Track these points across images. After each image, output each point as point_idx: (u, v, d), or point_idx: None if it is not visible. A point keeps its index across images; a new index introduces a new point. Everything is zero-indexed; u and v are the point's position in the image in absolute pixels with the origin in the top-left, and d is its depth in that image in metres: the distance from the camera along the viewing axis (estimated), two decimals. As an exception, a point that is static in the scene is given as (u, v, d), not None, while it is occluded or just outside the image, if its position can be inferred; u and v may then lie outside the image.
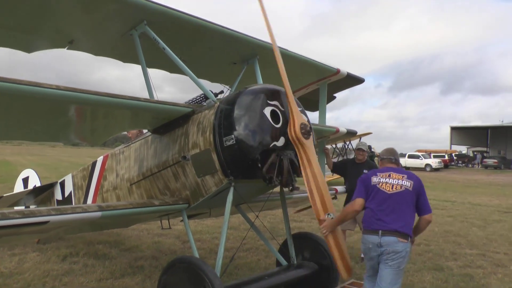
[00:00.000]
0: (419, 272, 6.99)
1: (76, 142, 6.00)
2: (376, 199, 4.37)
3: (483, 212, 14.61)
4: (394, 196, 4.33)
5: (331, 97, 8.25)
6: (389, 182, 4.41)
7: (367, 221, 4.40)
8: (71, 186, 7.50)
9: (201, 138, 4.68)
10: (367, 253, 4.42)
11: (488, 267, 7.50)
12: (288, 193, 5.90)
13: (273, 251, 5.75)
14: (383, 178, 4.46)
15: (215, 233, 9.44)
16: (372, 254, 4.31)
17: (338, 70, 7.04)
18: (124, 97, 4.39)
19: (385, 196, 4.34)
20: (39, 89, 3.75)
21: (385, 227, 4.22)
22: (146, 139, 5.63)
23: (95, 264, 6.92)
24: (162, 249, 8.11)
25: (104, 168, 6.51)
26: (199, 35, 5.42)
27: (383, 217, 4.26)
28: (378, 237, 4.22)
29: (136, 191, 5.69)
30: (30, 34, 5.13)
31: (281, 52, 6.10)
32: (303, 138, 4.38)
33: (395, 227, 4.22)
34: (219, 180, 4.61)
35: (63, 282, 6.01)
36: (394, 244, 4.19)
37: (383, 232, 4.22)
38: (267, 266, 7.07)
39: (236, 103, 4.49)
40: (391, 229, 4.21)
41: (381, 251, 4.22)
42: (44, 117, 4.70)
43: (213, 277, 4.07)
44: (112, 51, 5.85)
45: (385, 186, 4.40)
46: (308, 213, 11.53)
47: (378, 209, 4.32)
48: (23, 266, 6.67)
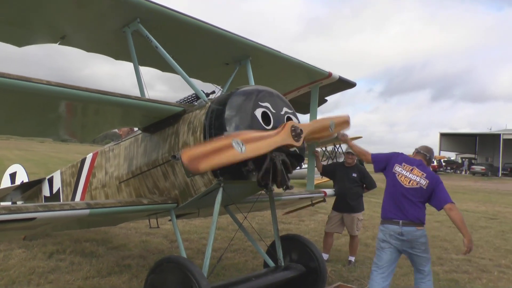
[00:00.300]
0: (406, 276, 7.03)
1: (65, 138, 5.96)
2: (392, 189, 4.99)
3: (470, 218, 14.75)
4: (410, 192, 4.89)
5: (322, 100, 8.28)
6: (407, 176, 4.95)
7: (385, 210, 5.00)
8: (60, 183, 7.44)
9: (191, 137, 4.67)
10: (385, 242, 4.91)
11: (473, 272, 7.58)
12: (277, 195, 5.92)
13: (261, 252, 5.75)
14: (404, 170, 4.98)
15: (203, 233, 9.43)
16: (393, 243, 4.87)
17: (330, 74, 7.06)
18: (115, 95, 4.36)
19: (402, 189, 4.92)
20: (30, 84, 3.70)
21: (405, 217, 4.84)
22: (136, 137, 5.60)
23: (81, 262, 6.88)
24: (150, 248, 8.08)
25: (93, 165, 6.47)
26: (192, 34, 5.40)
27: (401, 208, 4.86)
28: (399, 226, 4.84)
29: (125, 189, 5.66)
30: (21, 28, 5.07)
31: (273, 54, 6.15)
32: (297, 143, 4.40)
33: (412, 218, 4.84)
34: (208, 180, 4.60)
35: (49, 280, 5.96)
36: (414, 233, 4.84)
37: (403, 222, 4.84)
38: (254, 267, 7.07)
39: (227, 104, 4.48)
40: (410, 219, 4.84)
41: (404, 240, 4.83)
42: (34, 112, 4.65)
43: (200, 278, 4.05)
44: (104, 47, 5.82)
45: (403, 179, 4.93)
46: (296, 215, 11.58)
47: (393, 198, 4.94)
48: (8, 262, 6.60)
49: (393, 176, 5.01)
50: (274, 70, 6.62)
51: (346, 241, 8.60)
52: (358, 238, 7.95)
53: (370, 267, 7.38)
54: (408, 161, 5.09)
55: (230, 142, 3.86)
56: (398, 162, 5.06)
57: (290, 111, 4.79)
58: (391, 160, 5.14)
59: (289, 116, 4.72)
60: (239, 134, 4.03)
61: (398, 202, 4.90)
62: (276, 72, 6.70)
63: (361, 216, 7.87)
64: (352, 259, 7.72)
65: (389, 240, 4.87)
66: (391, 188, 5.02)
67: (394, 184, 4.99)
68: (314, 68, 6.78)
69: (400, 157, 5.16)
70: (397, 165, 5.02)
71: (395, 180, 4.98)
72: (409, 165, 5.03)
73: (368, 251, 8.74)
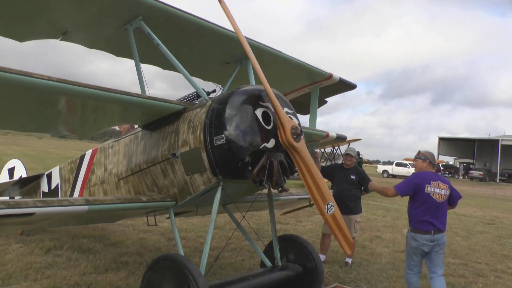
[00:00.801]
0: (402, 278, 7.01)
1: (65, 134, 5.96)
2: (426, 205, 5.47)
3: (467, 222, 14.77)
4: (441, 205, 5.54)
5: (322, 102, 8.30)
6: (438, 192, 5.51)
7: (419, 222, 5.48)
8: (58, 179, 7.43)
9: (191, 136, 4.67)
10: (418, 248, 5.49)
11: (469, 276, 7.59)
12: (276, 195, 5.92)
13: (258, 252, 5.75)
14: (434, 187, 5.50)
15: (200, 231, 9.43)
16: (424, 249, 5.47)
17: (331, 75, 7.07)
18: (116, 91, 4.37)
19: (436, 204, 5.48)
20: (30, 79, 3.71)
21: (435, 227, 5.44)
22: (136, 135, 5.60)
23: (79, 258, 6.87)
24: (147, 245, 8.08)
25: (92, 161, 6.47)
26: (193, 33, 5.42)
27: (433, 220, 5.44)
28: (431, 235, 5.42)
29: (124, 187, 5.66)
30: (23, 23, 5.08)
31: (274, 54, 6.17)
32: (294, 142, 4.37)
33: (441, 227, 5.49)
34: (207, 179, 4.61)
35: (46, 275, 5.95)
36: (442, 238, 5.51)
37: (434, 231, 5.43)
38: (251, 266, 7.07)
39: (228, 103, 4.48)
40: (439, 228, 5.47)
41: (433, 244, 5.44)
42: (34, 108, 4.65)
43: (197, 276, 4.06)
44: (105, 44, 5.83)
45: (436, 196, 5.50)
46: (294, 216, 11.59)
47: (427, 213, 5.45)
48: (5, 257, 6.60)
49: (427, 196, 5.47)
50: (275, 70, 6.63)
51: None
52: (355, 240, 7.94)
53: (366, 269, 7.46)
54: (432, 177, 5.58)
55: None
56: (427, 183, 5.49)
57: (290, 112, 4.79)
58: (419, 185, 5.52)
59: (289, 116, 4.73)
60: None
61: (432, 215, 5.46)
62: (277, 72, 6.71)
63: (358, 218, 7.88)
64: (349, 261, 7.73)
65: (422, 247, 5.47)
66: (423, 205, 5.48)
67: (427, 201, 5.47)
68: (315, 69, 6.79)
69: (425, 177, 5.57)
70: (428, 186, 5.48)
71: (429, 198, 5.47)
72: (435, 181, 5.53)
73: (365, 253, 8.75)
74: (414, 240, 5.51)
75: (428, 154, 5.81)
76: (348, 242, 4.89)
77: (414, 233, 5.53)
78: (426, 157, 5.73)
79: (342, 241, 4.86)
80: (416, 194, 5.54)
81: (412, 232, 5.56)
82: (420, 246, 5.48)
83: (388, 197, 5.79)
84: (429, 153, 5.85)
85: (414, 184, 5.58)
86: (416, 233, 5.50)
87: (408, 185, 5.64)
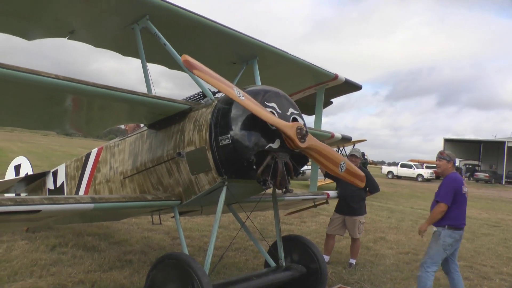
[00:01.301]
0: (406, 280, 7.04)
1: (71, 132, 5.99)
2: (463, 204, 5.90)
3: (472, 225, 14.69)
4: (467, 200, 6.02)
5: (327, 102, 8.29)
6: (466, 190, 5.97)
7: (458, 220, 5.84)
8: (64, 176, 7.47)
9: (197, 135, 4.68)
10: (452, 245, 5.83)
11: (474, 279, 7.57)
12: (280, 195, 5.92)
13: (262, 252, 5.76)
14: (465, 187, 5.95)
15: (204, 231, 9.45)
16: (458, 244, 5.96)
17: (336, 76, 7.07)
18: (122, 90, 4.38)
19: (465, 202, 5.96)
20: (38, 77, 3.72)
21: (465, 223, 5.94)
22: (142, 134, 5.63)
23: (83, 255, 6.91)
24: (151, 244, 8.10)
25: (98, 160, 6.50)
26: (200, 32, 5.43)
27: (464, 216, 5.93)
28: (463, 230, 5.94)
29: (129, 185, 5.68)
30: (31, 22, 5.12)
31: (280, 55, 6.16)
32: (301, 144, 4.37)
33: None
34: (212, 178, 4.62)
35: (51, 272, 5.99)
36: None
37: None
38: (255, 266, 7.09)
39: (234, 103, 4.49)
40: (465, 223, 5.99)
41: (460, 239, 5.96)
42: (40, 106, 4.67)
43: (201, 275, 4.07)
44: (112, 43, 5.86)
45: (467, 195, 5.99)
46: (298, 216, 11.59)
47: (463, 210, 5.89)
48: (11, 253, 6.65)
49: (463, 196, 5.89)
50: (280, 70, 6.64)
51: (347, 244, 8.60)
52: (359, 241, 7.95)
53: (370, 270, 7.45)
54: (461, 178, 6.07)
55: (232, 86, 4.18)
56: (462, 184, 5.94)
57: (296, 112, 4.79)
58: (457, 188, 5.85)
59: (295, 117, 4.73)
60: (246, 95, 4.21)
61: (464, 212, 5.92)
62: (283, 72, 6.72)
63: (363, 219, 7.87)
64: (353, 262, 7.73)
65: (457, 243, 5.92)
66: (462, 206, 5.89)
67: (464, 202, 5.93)
68: (320, 69, 6.79)
69: (458, 179, 5.97)
70: (463, 187, 5.92)
71: (465, 198, 5.94)
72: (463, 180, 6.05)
73: (369, 254, 8.75)
74: (451, 237, 5.81)
75: (452, 155, 6.10)
76: (361, 177, 5.42)
77: (452, 230, 5.82)
78: (450, 158, 6.01)
79: (356, 180, 5.36)
80: (455, 196, 5.83)
81: (450, 229, 5.81)
82: (456, 242, 5.88)
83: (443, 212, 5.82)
84: (452, 154, 6.14)
85: (453, 188, 5.85)
86: (455, 229, 5.84)
87: (450, 192, 5.85)
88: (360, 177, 5.40)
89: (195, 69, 4.06)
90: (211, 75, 4.12)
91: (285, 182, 4.58)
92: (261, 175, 4.43)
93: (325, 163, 4.86)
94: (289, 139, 4.37)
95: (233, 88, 4.11)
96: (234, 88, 4.11)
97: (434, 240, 5.90)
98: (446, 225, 5.78)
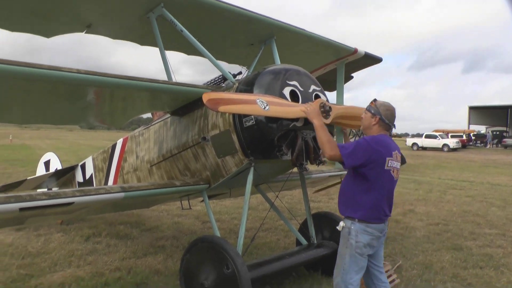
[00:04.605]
0: (438, 251, 6.99)
1: (95, 125, 6.07)
2: (386, 186, 3.81)
3: (503, 192, 14.45)
4: (395, 183, 3.93)
5: (348, 77, 8.19)
6: (395, 166, 3.84)
7: (375, 211, 3.79)
8: (92, 168, 7.63)
9: (220, 119, 4.70)
10: (369, 244, 3.82)
11: (508, 246, 7.46)
12: (307, 173, 5.92)
13: (293, 230, 5.79)
14: (395, 160, 3.82)
15: (234, 213, 9.55)
16: (376, 243, 3.89)
17: (356, 50, 6.95)
18: (143, 80, 4.41)
19: (392, 183, 3.88)
20: (60, 73, 3.78)
21: (389, 214, 3.95)
22: (165, 121, 5.68)
23: (117, 244, 7.08)
24: (182, 229, 8.23)
25: (124, 150, 6.60)
26: (216, 16, 5.40)
27: (387, 207, 3.89)
28: (384, 224, 3.94)
29: (157, 172, 5.77)
30: (49, 19, 5.17)
31: (298, 32, 6.09)
32: (325, 120, 4.31)
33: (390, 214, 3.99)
34: (239, 160, 4.65)
35: (88, 261, 6.16)
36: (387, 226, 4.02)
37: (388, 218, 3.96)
38: (286, 245, 7.14)
39: (255, 84, 4.48)
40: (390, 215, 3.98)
41: (382, 235, 3.93)
42: (65, 101, 4.75)
43: (235, 256, 4.12)
44: (129, 34, 5.88)
45: (395, 172, 3.84)
46: (326, 193, 11.58)
47: (385, 198, 3.83)
48: (49, 246, 6.86)
49: (387, 174, 3.78)
50: (299, 48, 6.57)
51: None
52: (388, 215, 7.89)
53: (401, 243, 7.42)
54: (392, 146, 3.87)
55: (254, 99, 4.02)
56: (385, 156, 3.75)
57: (318, 89, 4.76)
58: (374, 158, 3.71)
59: (317, 93, 4.70)
60: (266, 96, 4.10)
61: (388, 199, 3.90)
62: (302, 50, 6.65)
63: (391, 192, 7.80)
64: (383, 236, 7.67)
65: (373, 242, 3.85)
66: (381, 186, 3.79)
67: (387, 181, 3.82)
68: (339, 44, 6.69)
69: (383, 146, 3.78)
70: (389, 159, 3.77)
71: (390, 177, 3.81)
72: (394, 151, 3.86)
73: (398, 227, 8.70)
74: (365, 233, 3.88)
75: (384, 110, 3.92)
76: None
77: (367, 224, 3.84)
78: (379, 113, 3.89)
79: None
80: (373, 170, 3.80)
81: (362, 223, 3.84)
82: (372, 241, 3.94)
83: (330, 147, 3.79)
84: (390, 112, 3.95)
85: (369, 151, 3.74)
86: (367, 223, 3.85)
87: (360, 153, 3.73)
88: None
89: (219, 105, 3.82)
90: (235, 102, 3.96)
91: (318, 155, 4.57)
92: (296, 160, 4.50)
93: (351, 123, 4.85)
94: None
95: (256, 103, 3.97)
96: (258, 101, 3.99)
97: (343, 243, 3.90)
98: (357, 218, 3.79)
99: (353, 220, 3.82)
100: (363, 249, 3.80)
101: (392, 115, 3.94)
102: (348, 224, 3.85)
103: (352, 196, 3.88)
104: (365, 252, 3.83)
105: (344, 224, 3.90)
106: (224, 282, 4.15)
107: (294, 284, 5.40)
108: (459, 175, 19.76)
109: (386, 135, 3.94)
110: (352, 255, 3.79)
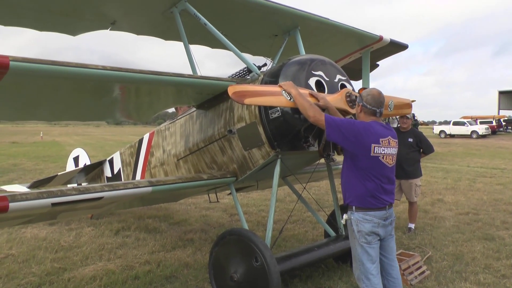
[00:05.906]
0: (469, 242, 6.84)
1: (122, 120, 6.15)
2: (378, 173, 3.74)
3: (538, 180, 14.06)
4: (392, 169, 3.87)
5: (374, 65, 8.06)
6: (389, 152, 3.78)
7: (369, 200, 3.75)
8: (120, 163, 7.74)
9: (246, 111, 4.69)
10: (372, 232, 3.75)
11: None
12: (334, 164, 5.87)
13: (321, 222, 5.76)
14: (385, 147, 3.75)
15: (261, 205, 9.56)
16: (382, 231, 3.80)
17: (381, 37, 6.83)
18: (168, 74, 4.43)
19: (387, 170, 3.79)
20: (87, 70, 3.83)
21: (389, 201, 3.84)
22: (191, 115, 5.70)
23: (146, 237, 7.18)
24: (210, 222, 8.29)
25: (150, 144, 6.67)
26: (239, 8, 5.37)
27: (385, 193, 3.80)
28: (386, 211, 3.81)
29: (184, 166, 5.80)
30: (74, 17, 5.25)
31: (322, 22, 6.01)
32: (351, 110, 4.27)
33: (392, 200, 3.91)
34: (266, 152, 4.63)
35: (118, 255, 6.27)
36: (393, 214, 3.94)
37: (389, 205, 3.84)
38: (314, 237, 7.11)
39: (281, 75, 4.45)
40: (391, 201, 3.88)
41: (387, 223, 3.83)
42: (92, 97, 4.81)
43: (264, 248, 4.13)
44: (153, 29, 5.92)
45: (388, 159, 3.77)
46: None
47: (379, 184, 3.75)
48: (80, 240, 7.01)
49: (375, 160, 3.71)
50: (323, 38, 6.49)
51: (405, 208, 8.46)
52: (417, 205, 7.78)
53: (431, 233, 7.31)
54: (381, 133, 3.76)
55: (279, 90, 3.99)
56: (375, 141, 3.68)
57: (343, 78, 4.70)
58: (357, 136, 3.67)
59: (343, 83, 4.64)
60: (292, 86, 4.00)
61: (386, 186, 3.81)
62: (326, 39, 6.57)
63: (419, 182, 7.68)
64: (411, 226, 7.59)
65: (377, 230, 3.77)
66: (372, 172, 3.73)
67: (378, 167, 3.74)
68: (364, 32, 6.58)
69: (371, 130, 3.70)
70: (375, 145, 3.68)
71: (379, 163, 3.74)
72: (384, 138, 3.75)
73: (427, 217, 8.57)
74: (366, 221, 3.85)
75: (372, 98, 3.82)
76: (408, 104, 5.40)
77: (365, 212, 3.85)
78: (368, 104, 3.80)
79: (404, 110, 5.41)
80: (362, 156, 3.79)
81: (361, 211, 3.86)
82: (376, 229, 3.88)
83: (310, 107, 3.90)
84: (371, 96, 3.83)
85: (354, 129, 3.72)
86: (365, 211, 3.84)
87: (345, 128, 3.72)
88: (406, 104, 5.33)
89: (245, 97, 3.80)
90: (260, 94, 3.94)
91: (328, 149, 4.52)
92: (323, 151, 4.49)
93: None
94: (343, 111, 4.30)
95: (281, 94, 3.95)
96: (283, 92, 3.96)
97: (350, 234, 3.92)
98: (354, 206, 3.80)
99: (351, 209, 3.85)
100: (367, 237, 3.76)
101: (373, 99, 3.79)
102: (349, 215, 3.88)
103: (346, 183, 3.91)
104: (370, 241, 3.78)
105: (347, 216, 3.92)
106: (253, 275, 4.16)
107: (323, 276, 5.38)
108: (489, 163, 19.30)
109: (378, 121, 3.85)
110: (359, 245, 3.78)
